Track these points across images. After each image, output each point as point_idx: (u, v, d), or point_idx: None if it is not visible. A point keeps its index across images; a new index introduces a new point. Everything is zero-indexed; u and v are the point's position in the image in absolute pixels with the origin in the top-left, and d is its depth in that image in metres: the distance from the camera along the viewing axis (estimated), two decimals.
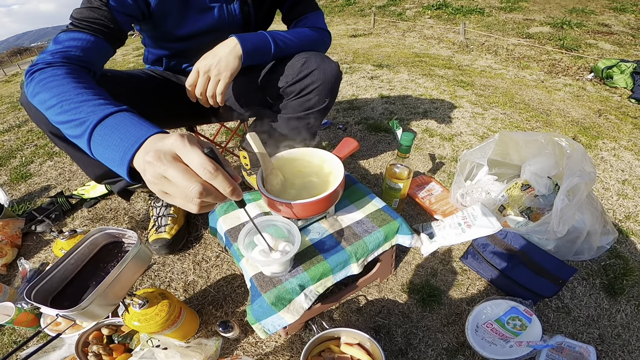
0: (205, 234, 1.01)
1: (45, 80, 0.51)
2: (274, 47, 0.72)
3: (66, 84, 0.50)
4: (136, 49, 4.24)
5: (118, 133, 0.42)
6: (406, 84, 2.11)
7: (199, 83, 0.68)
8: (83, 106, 0.46)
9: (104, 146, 0.43)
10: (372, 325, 0.75)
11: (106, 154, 0.43)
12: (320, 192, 0.56)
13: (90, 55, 0.60)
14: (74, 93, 0.48)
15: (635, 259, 0.90)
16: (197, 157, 0.35)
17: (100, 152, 0.44)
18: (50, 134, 0.66)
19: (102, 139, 0.43)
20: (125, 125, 0.43)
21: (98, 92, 0.50)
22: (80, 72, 0.55)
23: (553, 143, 0.79)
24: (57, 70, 0.53)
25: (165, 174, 0.35)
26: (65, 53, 0.57)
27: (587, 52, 2.68)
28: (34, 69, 0.55)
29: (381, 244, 0.64)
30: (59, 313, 0.58)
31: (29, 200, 1.22)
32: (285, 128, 0.83)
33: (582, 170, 0.68)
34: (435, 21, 4.28)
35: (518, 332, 0.70)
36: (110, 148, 0.42)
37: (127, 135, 0.41)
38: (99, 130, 0.44)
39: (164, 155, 0.35)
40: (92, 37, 0.60)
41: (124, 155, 0.40)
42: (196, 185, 0.34)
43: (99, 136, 0.44)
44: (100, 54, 0.62)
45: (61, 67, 0.54)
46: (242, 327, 0.75)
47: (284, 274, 0.58)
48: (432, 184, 1.09)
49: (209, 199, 0.36)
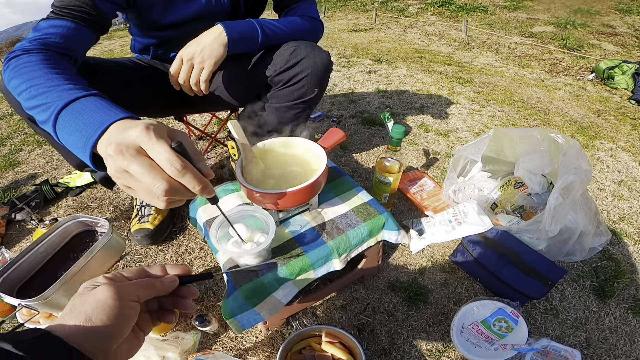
0: (190, 225, 0.99)
1: (19, 66, 0.51)
2: (261, 35, 0.70)
3: (38, 70, 0.49)
4: (123, 43, 4.17)
5: (82, 118, 0.40)
6: (404, 79, 2.07)
7: (182, 70, 0.67)
8: (51, 91, 0.44)
9: (67, 132, 0.41)
10: (356, 324, 0.73)
11: (70, 140, 0.41)
12: (300, 183, 0.53)
13: (70, 42, 0.59)
14: (45, 78, 0.47)
15: (628, 262, 0.88)
16: (163, 152, 0.32)
17: (65, 138, 0.42)
18: (29, 120, 0.64)
19: (66, 124, 0.41)
20: (90, 110, 0.40)
21: (70, 78, 0.48)
22: (58, 59, 0.54)
23: (549, 139, 0.76)
24: (31, 57, 0.52)
25: (128, 169, 0.32)
26: (44, 40, 0.56)
27: (589, 53, 2.65)
28: (11, 56, 0.54)
29: (365, 240, 0.62)
30: (21, 303, 0.56)
31: (15, 188, 1.20)
32: (274, 118, 0.80)
33: (578, 167, 0.65)
34: (438, 18, 4.22)
35: (504, 335, 0.68)
36: (74, 134, 0.40)
37: (91, 120, 0.38)
38: (64, 115, 0.42)
39: (126, 148, 0.32)
40: (72, 24, 0.59)
41: (87, 142, 0.38)
42: (162, 183, 0.32)
43: (64, 121, 0.41)
44: (81, 41, 0.61)
45: (37, 54, 0.53)
46: (222, 322, 0.73)
47: (261, 267, 0.55)
48: (424, 179, 1.07)
49: (177, 197, 0.34)
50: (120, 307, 0.29)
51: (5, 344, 0.23)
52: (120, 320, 0.29)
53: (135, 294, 0.31)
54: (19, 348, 0.23)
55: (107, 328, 0.28)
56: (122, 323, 0.29)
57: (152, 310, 0.36)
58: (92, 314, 0.28)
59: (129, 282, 0.32)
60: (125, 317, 0.29)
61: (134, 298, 0.31)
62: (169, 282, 0.34)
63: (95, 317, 0.28)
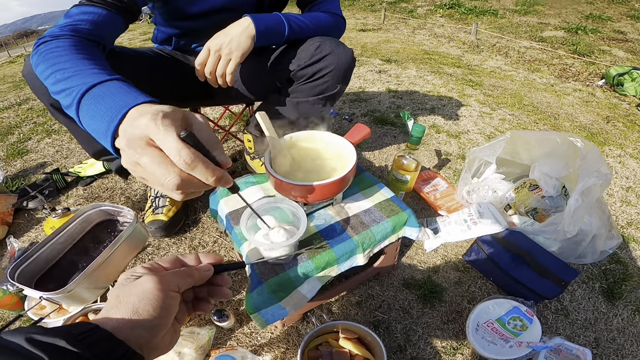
0: (204, 218, 0.99)
1: (47, 51, 0.51)
2: (288, 29, 0.70)
3: (65, 55, 0.49)
4: (143, 34, 4.16)
5: (104, 102, 0.39)
6: (414, 79, 2.07)
7: (209, 62, 0.66)
8: (77, 75, 0.44)
9: (89, 116, 0.40)
10: (372, 320, 0.74)
11: (92, 124, 0.40)
12: (329, 177, 0.54)
13: (100, 29, 0.59)
14: (71, 63, 0.47)
15: (635, 265, 0.90)
16: (171, 144, 0.30)
17: (87, 122, 0.41)
18: (51, 107, 0.64)
19: (88, 108, 0.41)
20: (112, 93, 0.39)
21: (96, 63, 0.47)
22: (87, 45, 0.54)
23: (568, 143, 0.77)
24: (60, 42, 0.52)
25: (139, 162, 0.31)
26: (75, 26, 0.56)
27: (599, 59, 2.66)
28: (40, 41, 0.54)
29: (388, 235, 0.62)
30: (42, 296, 0.53)
31: (24, 177, 1.19)
32: (294, 112, 0.80)
33: (599, 171, 0.66)
34: (447, 20, 4.21)
35: (518, 333, 0.69)
36: (96, 118, 0.39)
37: (112, 104, 0.38)
38: (87, 99, 0.41)
39: (135, 140, 0.31)
40: (104, 11, 0.59)
41: (108, 127, 0.37)
42: (173, 177, 0.30)
43: (86, 105, 0.41)
44: (111, 28, 0.61)
45: (66, 39, 0.53)
46: (237, 317, 0.73)
47: (287, 260, 0.55)
48: (437, 179, 1.07)
49: (191, 189, 0.33)
50: (164, 298, 0.28)
51: (59, 340, 0.22)
52: (165, 311, 0.28)
53: (176, 283, 0.30)
54: (71, 343, 0.22)
55: (153, 320, 0.27)
56: (167, 314, 0.29)
57: (187, 301, 0.35)
58: (138, 305, 0.27)
59: (169, 272, 0.32)
60: (169, 308, 0.29)
61: (174, 288, 0.30)
62: (205, 270, 0.34)
63: (142, 309, 0.27)
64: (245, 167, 1.18)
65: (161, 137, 0.30)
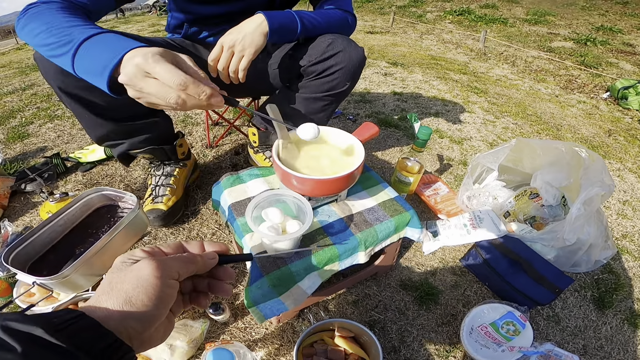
0: (203, 209, 0.99)
1: (38, 12, 0.53)
2: (300, 26, 0.70)
3: (59, 15, 0.51)
4: (152, 25, 4.15)
5: (103, 47, 0.45)
6: (420, 84, 2.08)
7: (222, 57, 0.66)
8: (73, 29, 0.48)
9: (89, 57, 0.46)
10: (368, 320, 0.74)
11: (89, 65, 0.46)
12: (336, 172, 0.54)
13: (90, 4, 0.59)
14: (64, 21, 0.50)
15: (627, 276, 0.91)
16: (162, 71, 0.41)
17: (83, 64, 0.46)
18: (59, 90, 0.64)
19: (87, 52, 0.46)
20: (110, 40, 0.46)
21: (90, 24, 0.51)
22: (76, 11, 0.56)
23: (572, 153, 0.77)
24: (52, 5, 0.54)
25: (143, 90, 0.42)
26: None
27: (606, 71, 2.66)
28: (30, 6, 0.55)
29: (391, 235, 0.62)
30: (36, 281, 0.51)
31: (23, 160, 1.18)
32: (302, 108, 0.80)
33: (602, 181, 0.66)
34: (456, 26, 4.21)
35: (511, 337, 0.70)
36: (94, 59, 0.45)
37: (111, 48, 0.44)
38: (85, 45, 0.46)
39: (135, 75, 0.41)
40: None
41: (106, 65, 0.43)
42: (173, 94, 0.41)
43: (85, 50, 0.46)
44: (101, 5, 0.62)
45: (58, 3, 0.54)
46: (232, 311, 0.73)
47: (289, 255, 0.55)
48: (438, 183, 1.08)
49: (193, 103, 0.42)
50: (162, 286, 0.25)
51: (36, 329, 0.20)
52: (161, 301, 0.26)
53: (176, 270, 0.27)
54: (51, 333, 0.20)
55: (147, 310, 0.25)
56: (163, 304, 0.26)
57: (185, 292, 0.32)
58: (132, 293, 0.24)
59: (169, 257, 0.29)
60: (166, 298, 0.26)
61: (174, 275, 0.27)
62: (209, 258, 0.31)
63: (136, 298, 0.24)
64: (247, 160, 1.18)
65: (153, 69, 0.41)
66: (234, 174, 0.72)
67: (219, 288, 0.33)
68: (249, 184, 0.68)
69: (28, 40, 0.53)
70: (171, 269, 0.27)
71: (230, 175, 0.72)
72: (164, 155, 0.91)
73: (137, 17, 5.49)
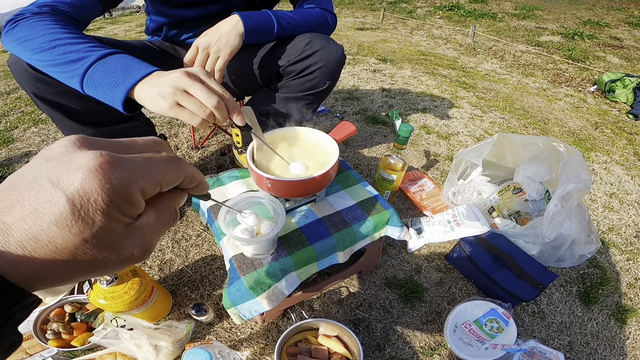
0: (189, 211, 0.98)
1: (32, 24, 0.52)
2: (277, 26, 0.70)
3: (58, 29, 0.51)
4: (140, 25, 4.09)
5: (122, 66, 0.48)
6: (408, 80, 2.07)
7: (198, 59, 0.66)
8: (79, 45, 0.49)
9: (108, 73, 0.48)
10: (352, 318, 0.74)
11: (108, 79, 0.48)
12: (311, 173, 0.53)
13: (78, 12, 0.59)
14: (68, 36, 0.50)
15: (613, 270, 0.91)
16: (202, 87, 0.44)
17: (101, 78, 0.48)
18: (34, 96, 0.63)
19: (102, 70, 0.48)
20: (127, 61, 0.49)
21: (92, 39, 0.52)
22: (65, 19, 0.56)
23: (551, 148, 0.78)
24: (43, 18, 0.53)
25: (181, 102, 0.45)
26: (54, 7, 0.56)
27: (593, 64, 2.67)
28: (19, 17, 0.54)
29: (370, 234, 0.62)
30: None
31: (8, 166, 1.17)
32: (283, 107, 0.80)
33: (579, 177, 0.67)
34: (445, 22, 4.21)
35: (494, 335, 0.70)
36: (115, 74, 0.47)
37: (134, 66, 0.48)
38: (99, 64, 0.48)
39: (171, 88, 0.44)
40: None
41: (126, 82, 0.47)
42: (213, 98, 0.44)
43: (100, 68, 0.48)
44: (88, 12, 0.62)
45: (49, 15, 0.54)
46: (217, 312, 0.73)
47: (266, 256, 0.55)
48: (424, 179, 1.08)
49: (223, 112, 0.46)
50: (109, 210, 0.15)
51: None
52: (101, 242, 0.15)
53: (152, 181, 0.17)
54: None
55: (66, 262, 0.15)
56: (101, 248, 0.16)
57: None
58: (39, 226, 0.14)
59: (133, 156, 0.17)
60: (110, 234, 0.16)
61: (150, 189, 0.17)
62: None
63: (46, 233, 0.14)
64: (233, 161, 1.17)
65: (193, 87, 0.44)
66: (214, 176, 0.71)
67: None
68: (228, 186, 0.68)
69: (23, 55, 0.53)
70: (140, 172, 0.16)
71: (210, 177, 0.71)
72: None
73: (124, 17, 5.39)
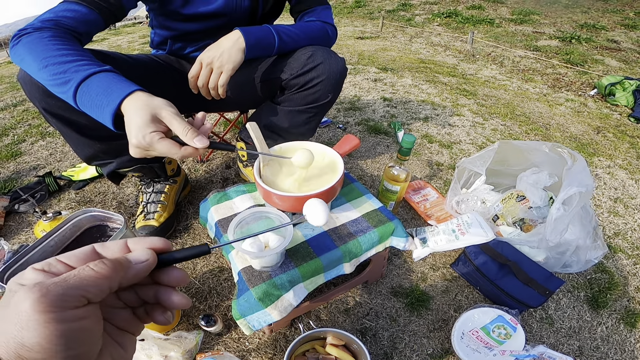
0: (195, 224, 0.99)
1: (30, 42, 0.53)
2: (278, 41, 0.72)
3: (52, 46, 0.52)
4: (143, 37, 4.20)
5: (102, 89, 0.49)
6: (409, 88, 2.10)
7: (202, 74, 0.68)
8: (70, 64, 0.51)
9: (96, 93, 0.49)
10: (359, 327, 0.74)
11: (96, 99, 0.49)
12: (317, 187, 0.55)
13: (81, 27, 0.61)
14: (59, 54, 0.51)
15: (621, 275, 0.91)
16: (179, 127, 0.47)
17: (89, 98, 0.50)
18: (44, 111, 0.65)
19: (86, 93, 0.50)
20: (108, 81, 0.50)
21: (83, 55, 0.53)
22: (70, 38, 0.57)
23: (555, 153, 0.79)
24: (44, 33, 0.54)
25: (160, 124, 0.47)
26: (57, 22, 0.58)
27: (592, 68, 2.69)
28: (22, 33, 0.56)
29: (375, 245, 0.63)
30: None
31: (16, 179, 1.19)
32: (286, 121, 0.82)
33: (581, 182, 0.68)
34: (444, 29, 4.28)
35: (502, 341, 0.70)
36: (100, 95, 0.49)
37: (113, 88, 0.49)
38: (85, 85, 0.49)
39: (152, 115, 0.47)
40: (88, 10, 0.61)
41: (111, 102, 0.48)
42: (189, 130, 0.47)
43: (87, 88, 0.50)
44: (91, 27, 0.63)
45: (50, 30, 0.56)
46: (226, 322, 0.74)
47: (274, 268, 0.56)
48: (428, 189, 1.09)
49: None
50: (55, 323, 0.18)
51: None
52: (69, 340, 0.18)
53: (81, 293, 0.19)
54: None
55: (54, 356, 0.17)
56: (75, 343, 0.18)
57: (134, 306, 0.24)
58: (21, 337, 0.17)
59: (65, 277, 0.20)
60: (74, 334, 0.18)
61: (78, 301, 0.19)
62: (139, 262, 0.22)
63: (29, 341, 0.17)
64: (238, 174, 1.19)
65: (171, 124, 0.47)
66: (221, 191, 0.73)
67: (167, 297, 0.24)
68: (236, 200, 0.70)
69: (27, 72, 0.56)
70: (68, 295, 0.19)
71: (217, 192, 0.73)
72: (153, 173, 0.92)
73: (127, 27, 5.51)
